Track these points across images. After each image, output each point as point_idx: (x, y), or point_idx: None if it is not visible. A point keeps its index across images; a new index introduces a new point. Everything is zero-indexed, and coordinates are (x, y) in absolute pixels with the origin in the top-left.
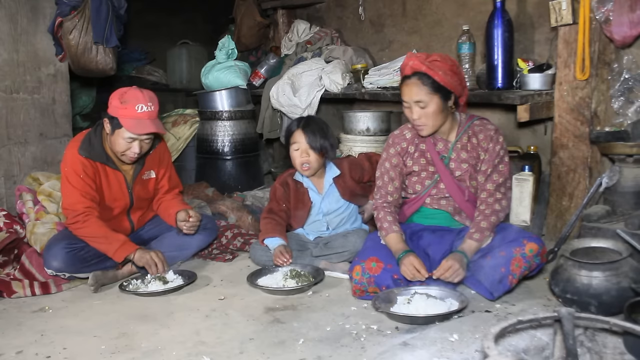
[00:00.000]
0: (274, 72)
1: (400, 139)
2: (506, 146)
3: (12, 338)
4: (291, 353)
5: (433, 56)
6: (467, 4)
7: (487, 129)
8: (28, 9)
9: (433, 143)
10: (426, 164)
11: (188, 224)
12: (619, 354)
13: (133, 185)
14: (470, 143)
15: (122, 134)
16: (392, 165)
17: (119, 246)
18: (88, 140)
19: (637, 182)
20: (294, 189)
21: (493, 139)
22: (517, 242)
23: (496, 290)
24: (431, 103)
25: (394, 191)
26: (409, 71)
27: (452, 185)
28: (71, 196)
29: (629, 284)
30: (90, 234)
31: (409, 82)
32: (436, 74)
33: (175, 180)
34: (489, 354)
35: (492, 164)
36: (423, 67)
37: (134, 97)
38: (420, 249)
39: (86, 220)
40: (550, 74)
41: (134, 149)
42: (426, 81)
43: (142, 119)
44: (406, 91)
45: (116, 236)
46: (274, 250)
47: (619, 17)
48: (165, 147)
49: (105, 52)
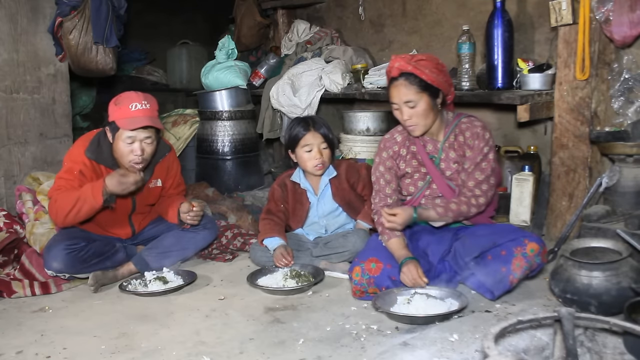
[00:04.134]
0: (274, 72)
1: (391, 143)
2: (493, 143)
3: (12, 338)
4: (291, 353)
5: (418, 56)
6: (467, 4)
7: (474, 125)
8: (28, 9)
9: (423, 144)
10: (418, 166)
11: (192, 213)
12: (619, 354)
13: (138, 193)
14: (457, 141)
15: (121, 135)
16: (387, 168)
17: (90, 192)
18: (97, 142)
19: (637, 182)
20: (292, 190)
21: (479, 136)
22: (518, 241)
23: (497, 289)
24: (420, 102)
25: (392, 193)
26: (395, 73)
27: (444, 185)
28: (57, 183)
29: (629, 284)
30: (64, 199)
31: (396, 84)
32: (423, 72)
33: (182, 185)
34: (489, 354)
35: (475, 161)
36: (409, 67)
37: (127, 97)
38: (420, 250)
39: (58, 195)
40: (550, 74)
41: (135, 151)
42: (413, 80)
43: (137, 116)
44: (394, 93)
45: (84, 188)
46: (275, 251)
47: (619, 17)
48: (174, 156)
49: (105, 52)
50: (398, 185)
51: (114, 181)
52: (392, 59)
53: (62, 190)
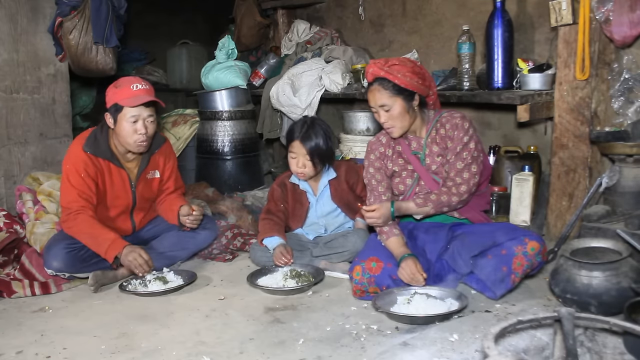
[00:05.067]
0: (274, 72)
1: (377, 145)
2: (474, 132)
3: (12, 338)
4: (291, 353)
5: (392, 60)
6: (467, 4)
7: (453, 117)
8: (28, 9)
9: (407, 143)
10: (405, 164)
11: (191, 217)
12: (619, 354)
13: (137, 184)
14: (438, 135)
15: (125, 115)
16: (376, 168)
17: (108, 245)
18: (94, 136)
19: (637, 182)
20: (292, 190)
21: (457, 127)
22: (519, 240)
23: (498, 288)
24: (395, 105)
25: (385, 191)
26: (370, 78)
27: (430, 181)
28: (69, 194)
29: (629, 284)
30: (80, 231)
31: (372, 89)
32: (395, 77)
33: (180, 182)
34: (489, 354)
35: (455, 151)
36: (381, 72)
37: (126, 80)
38: (418, 249)
39: (76, 218)
40: (550, 74)
41: (139, 130)
42: (387, 85)
43: (140, 94)
44: (370, 97)
45: (105, 235)
46: (274, 250)
47: (619, 17)
48: (170, 147)
49: (105, 52)
50: (389, 185)
51: (125, 262)
52: (368, 64)
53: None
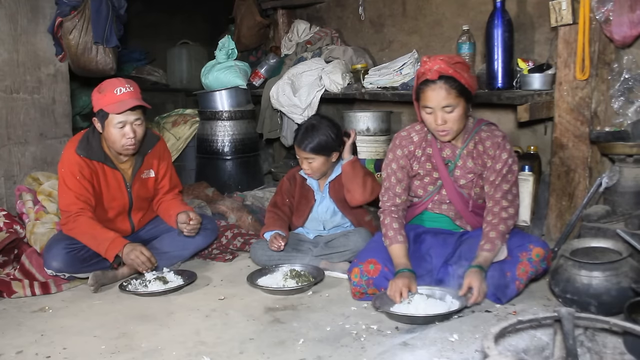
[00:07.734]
0: (274, 72)
1: (407, 142)
2: (513, 152)
3: (12, 338)
4: (291, 353)
5: (455, 57)
6: (467, 4)
7: (495, 135)
8: (28, 9)
9: (440, 148)
10: (431, 169)
11: (189, 227)
12: (619, 354)
13: (132, 184)
14: (476, 150)
15: (112, 121)
16: (400, 166)
17: (108, 245)
18: (86, 139)
19: (637, 182)
20: (300, 185)
21: (500, 146)
22: (524, 247)
23: (503, 295)
24: (458, 107)
25: (402, 192)
26: (434, 75)
27: (454, 192)
28: (66, 197)
29: (629, 284)
30: (81, 233)
31: (434, 87)
32: (461, 77)
33: (175, 180)
34: (489, 354)
35: (501, 173)
36: (450, 70)
37: (110, 83)
38: (422, 252)
39: (76, 220)
40: (550, 74)
41: (127, 134)
42: (453, 84)
43: (124, 99)
44: (432, 96)
45: (105, 234)
46: (270, 236)
47: (619, 17)
48: (164, 146)
49: (105, 52)
50: (408, 185)
51: (128, 260)
52: (427, 60)
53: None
